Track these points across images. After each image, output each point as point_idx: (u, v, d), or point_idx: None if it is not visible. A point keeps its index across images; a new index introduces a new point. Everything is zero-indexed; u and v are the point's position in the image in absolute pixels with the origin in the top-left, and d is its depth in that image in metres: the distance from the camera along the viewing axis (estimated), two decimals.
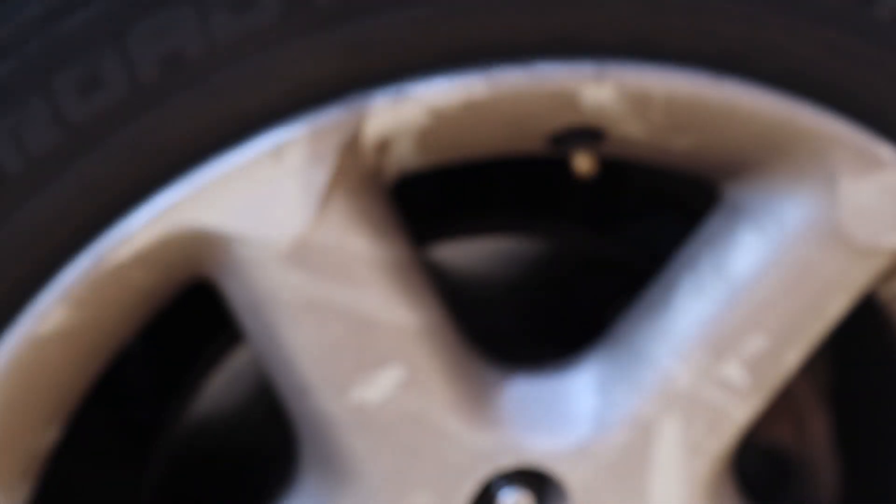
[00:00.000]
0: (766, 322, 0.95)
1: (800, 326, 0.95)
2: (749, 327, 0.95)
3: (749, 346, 0.95)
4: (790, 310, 0.95)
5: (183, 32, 0.79)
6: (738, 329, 0.95)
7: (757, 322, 0.95)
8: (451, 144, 0.91)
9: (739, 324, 0.95)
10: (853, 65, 0.88)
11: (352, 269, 0.90)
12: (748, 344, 0.95)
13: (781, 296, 0.94)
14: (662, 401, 0.96)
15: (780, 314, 0.95)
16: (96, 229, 0.86)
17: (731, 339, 0.95)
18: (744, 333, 0.95)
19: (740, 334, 0.95)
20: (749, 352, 0.95)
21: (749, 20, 0.85)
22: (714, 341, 0.95)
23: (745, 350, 0.95)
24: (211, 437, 1.16)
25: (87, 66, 0.79)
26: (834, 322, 0.96)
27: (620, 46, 0.86)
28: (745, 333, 0.95)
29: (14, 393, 0.90)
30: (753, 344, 0.95)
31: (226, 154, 0.85)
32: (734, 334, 0.95)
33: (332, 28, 0.81)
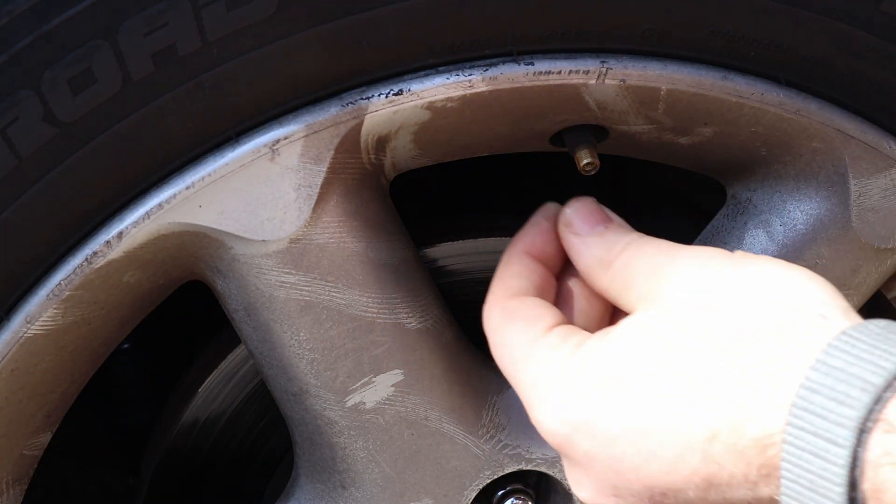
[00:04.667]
0: None
1: None
2: None
3: None
4: None
5: (176, 27, 0.78)
6: None
7: None
8: (450, 142, 0.91)
9: None
10: (863, 61, 0.87)
11: (349, 270, 0.90)
12: None
13: None
14: None
15: None
16: (88, 228, 0.85)
17: None
18: None
19: None
20: None
21: (755, 15, 0.84)
22: None
23: None
24: (204, 440, 1.15)
25: (79, 61, 0.78)
26: None
27: (624, 42, 0.85)
28: None
29: (5, 394, 0.89)
30: None
31: (220, 152, 0.84)
32: None
33: (329, 23, 0.80)
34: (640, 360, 0.74)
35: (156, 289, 0.93)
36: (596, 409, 0.75)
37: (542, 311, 0.83)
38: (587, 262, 0.84)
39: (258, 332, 0.93)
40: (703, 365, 0.71)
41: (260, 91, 0.82)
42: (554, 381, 0.78)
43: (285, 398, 0.96)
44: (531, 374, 0.80)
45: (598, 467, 0.76)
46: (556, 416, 0.77)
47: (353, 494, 1.00)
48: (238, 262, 0.88)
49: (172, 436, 1.15)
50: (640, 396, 0.73)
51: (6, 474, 0.94)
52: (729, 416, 0.69)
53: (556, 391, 0.77)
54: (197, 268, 0.91)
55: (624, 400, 0.73)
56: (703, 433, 0.70)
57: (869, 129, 0.90)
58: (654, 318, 0.75)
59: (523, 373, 0.81)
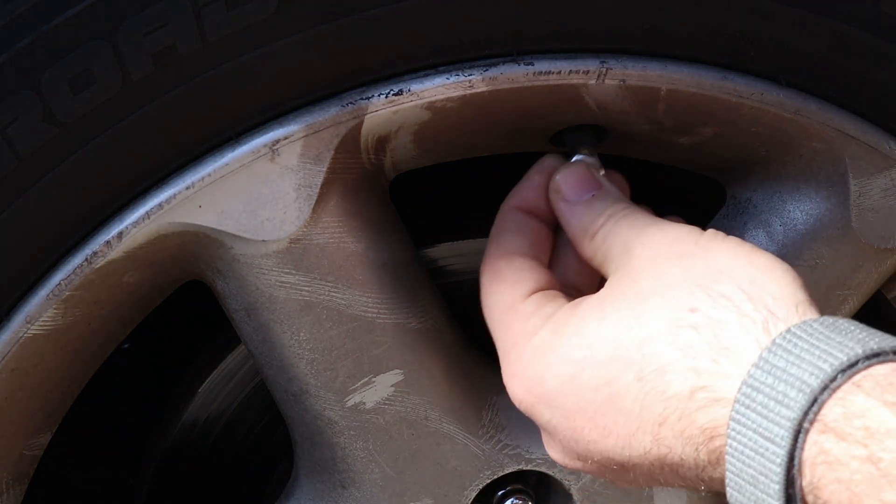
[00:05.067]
0: None
1: None
2: None
3: None
4: None
5: (176, 27, 0.78)
6: None
7: None
8: (450, 143, 0.90)
9: None
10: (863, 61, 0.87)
11: (349, 270, 0.90)
12: None
13: None
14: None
15: None
16: (88, 228, 0.85)
17: None
18: None
19: None
20: None
21: (755, 15, 0.84)
22: None
23: None
24: (205, 439, 1.15)
25: (79, 61, 0.78)
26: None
27: (624, 42, 0.85)
28: None
29: (5, 394, 0.89)
30: None
31: (220, 152, 0.84)
32: None
33: (329, 23, 0.80)
34: (598, 340, 0.76)
35: (156, 289, 0.93)
36: (555, 384, 0.78)
37: (525, 275, 0.85)
38: (573, 231, 0.85)
39: (258, 333, 0.92)
40: (656, 348, 0.73)
41: (260, 91, 0.82)
42: (521, 351, 0.81)
43: (285, 398, 0.96)
44: (504, 341, 0.83)
45: (561, 436, 0.79)
46: (520, 386, 0.81)
47: (353, 494, 1.00)
48: (238, 262, 0.88)
49: (172, 436, 1.15)
50: (595, 375, 0.76)
51: (6, 474, 0.94)
52: (677, 404, 0.72)
53: (522, 362, 0.80)
54: (197, 268, 0.91)
55: (581, 378, 0.76)
56: (652, 418, 0.73)
57: (869, 129, 0.90)
58: (615, 296, 0.77)
59: (498, 337, 0.84)
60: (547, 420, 0.79)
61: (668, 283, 0.75)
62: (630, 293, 0.76)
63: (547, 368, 0.78)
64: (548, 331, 0.80)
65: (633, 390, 0.74)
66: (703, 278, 0.74)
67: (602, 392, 0.75)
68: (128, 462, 1.24)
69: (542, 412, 0.79)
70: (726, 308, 0.72)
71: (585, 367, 0.76)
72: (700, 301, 0.73)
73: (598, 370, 0.75)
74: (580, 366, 0.76)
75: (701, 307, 0.73)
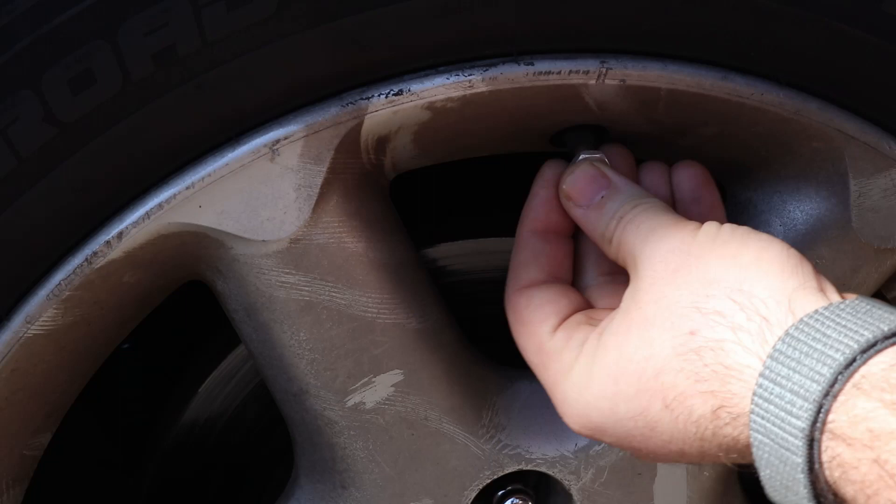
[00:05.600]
0: None
1: None
2: None
3: None
4: None
5: (176, 27, 0.78)
6: None
7: None
8: (450, 143, 0.90)
9: None
10: (863, 61, 0.87)
11: (349, 270, 0.90)
12: None
13: None
14: None
15: None
16: (88, 228, 0.85)
17: None
18: None
19: None
20: None
21: (755, 15, 0.84)
22: None
23: None
24: (204, 440, 1.15)
25: (79, 61, 0.78)
26: None
27: (624, 42, 0.84)
28: None
29: (5, 394, 0.89)
30: None
31: (220, 152, 0.84)
32: None
33: (329, 23, 0.80)
34: (622, 375, 0.77)
35: (156, 289, 0.92)
36: (600, 419, 0.80)
37: (547, 310, 0.86)
38: (593, 236, 0.86)
39: (258, 333, 0.92)
40: (670, 377, 0.75)
41: (260, 91, 0.82)
42: (564, 392, 0.82)
43: (285, 398, 0.96)
44: (546, 381, 0.84)
45: (627, 449, 0.82)
46: (574, 422, 0.82)
47: (353, 494, 1.00)
48: (238, 262, 0.88)
49: (172, 436, 1.15)
50: (630, 408, 0.77)
51: (6, 474, 0.93)
52: (706, 424, 0.74)
53: (567, 402, 0.82)
54: (197, 268, 0.91)
55: (619, 412, 0.78)
56: (690, 437, 0.75)
57: (869, 129, 0.90)
58: (627, 325, 0.78)
59: (540, 376, 0.85)
60: (609, 442, 0.82)
61: (667, 306, 0.76)
62: (638, 320, 0.77)
63: (587, 406, 0.80)
64: (581, 366, 0.81)
65: (664, 418, 0.76)
66: (696, 295, 0.75)
67: (640, 421, 0.77)
68: (128, 462, 1.24)
69: (601, 437, 0.82)
70: (721, 326, 0.73)
71: (619, 402, 0.78)
72: (696, 323, 0.74)
73: (630, 404, 0.77)
74: (614, 402, 0.78)
75: (699, 329, 0.74)
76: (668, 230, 0.79)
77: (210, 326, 1.15)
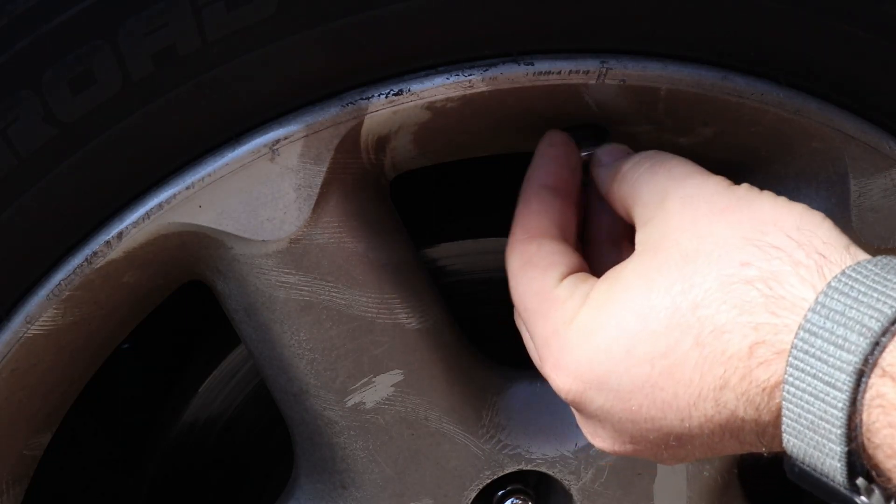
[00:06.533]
0: None
1: None
2: None
3: None
4: None
5: (176, 27, 0.78)
6: None
7: None
8: (450, 143, 0.90)
9: None
10: (863, 61, 0.87)
11: (349, 270, 0.90)
12: None
13: None
14: None
15: None
16: (88, 228, 0.85)
17: None
18: None
19: None
20: None
21: (755, 15, 0.84)
22: None
23: None
24: (204, 440, 1.15)
25: (79, 61, 0.78)
26: None
27: (624, 42, 0.85)
28: None
29: (5, 394, 0.89)
30: None
31: (220, 152, 0.84)
32: None
33: (329, 23, 0.80)
34: (651, 310, 0.73)
35: (156, 289, 0.92)
36: (608, 365, 0.75)
37: (556, 259, 0.82)
38: (604, 173, 0.84)
39: (258, 333, 0.92)
40: (710, 309, 0.71)
41: (260, 91, 0.82)
42: (564, 338, 0.78)
43: (285, 398, 0.96)
44: (543, 331, 0.80)
45: (614, 419, 0.77)
46: (568, 374, 0.77)
47: (353, 494, 1.00)
48: (238, 262, 0.88)
49: (172, 436, 1.15)
50: (651, 349, 0.73)
51: (6, 474, 0.94)
52: (737, 364, 0.70)
53: (567, 349, 0.77)
54: (197, 268, 0.91)
55: (636, 353, 0.74)
56: (713, 382, 0.71)
57: (869, 129, 0.90)
58: (660, 261, 0.75)
59: (535, 328, 0.81)
60: (599, 406, 0.77)
61: (715, 241, 0.73)
62: (675, 256, 0.74)
63: (596, 350, 0.75)
64: (590, 310, 0.77)
65: (692, 357, 0.72)
66: (750, 231, 0.73)
67: (658, 365, 0.73)
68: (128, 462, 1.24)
69: (592, 398, 0.77)
70: (779, 258, 0.71)
71: (641, 341, 0.73)
72: (750, 255, 0.71)
73: (655, 342, 0.73)
74: (634, 340, 0.74)
75: (752, 261, 0.71)
76: (707, 176, 0.78)
77: (210, 326, 1.15)
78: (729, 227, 0.74)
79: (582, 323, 0.77)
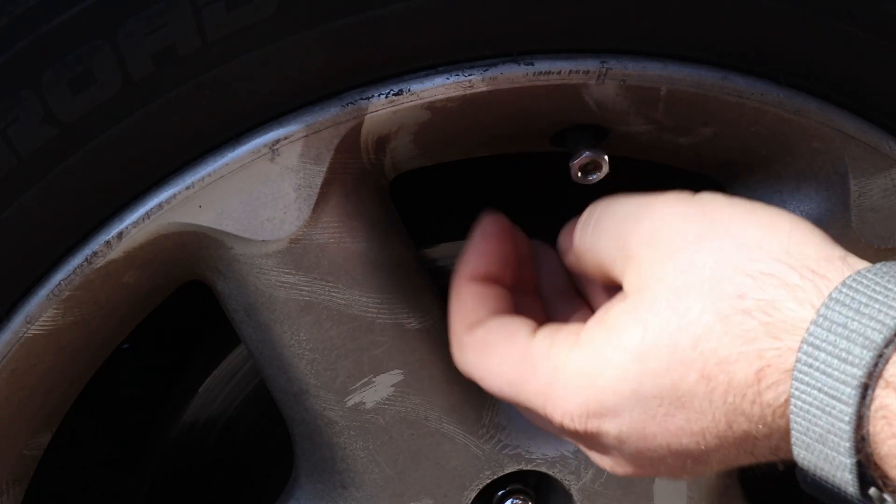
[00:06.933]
0: None
1: None
2: None
3: None
4: None
5: (176, 27, 0.78)
6: None
7: None
8: (449, 143, 0.90)
9: None
10: (863, 61, 0.87)
11: (349, 270, 0.90)
12: None
13: None
14: None
15: None
16: (88, 228, 0.85)
17: None
18: None
19: None
20: None
21: (755, 15, 0.84)
22: None
23: None
24: (204, 440, 1.15)
25: (79, 61, 0.78)
26: None
27: (624, 42, 0.84)
28: None
29: (5, 394, 0.89)
30: None
31: (220, 152, 0.84)
32: None
33: (329, 23, 0.80)
34: (649, 351, 0.73)
35: (156, 289, 0.92)
36: (616, 400, 0.75)
37: (516, 324, 0.83)
38: (582, 263, 0.83)
39: (258, 333, 0.92)
40: (712, 343, 0.71)
41: (260, 91, 0.82)
42: (565, 384, 0.77)
43: (285, 398, 0.96)
44: (537, 385, 0.79)
45: (631, 447, 0.76)
46: (578, 413, 0.76)
47: (353, 494, 1.00)
48: (238, 262, 0.88)
49: (172, 436, 1.15)
50: (657, 385, 0.73)
51: (6, 474, 0.94)
52: (746, 390, 0.70)
53: (571, 393, 0.76)
54: (197, 268, 0.91)
55: (643, 392, 0.73)
56: (724, 409, 0.71)
57: (869, 129, 0.90)
58: (648, 300, 0.74)
59: (530, 385, 0.79)
60: (615, 435, 0.76)
61: (702, 274, 0.72)
62: (663, 293, 0.73)
63: (603, 390, 0.75)
64: (583, 355, 0.76)
65: (699, 390, 0.72)
66: (736, 259, 0.72)
67: (667, 398, 0.73)
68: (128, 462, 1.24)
69: (608, 430, 0.76)
70: (773, 286, 0.70)
71: (645, 381, 0.73)
72: (744, 286, 0.71)
73: (660, 379, 0.73)
74: (639, 381, 0.73)
75: (747, 292, 0.71)
76: (662, 203, 0.77)
77: (210, 326, 1.15)
78: (711, 255, 0.73)
79: (579, 368, 0.76)
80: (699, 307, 0.72)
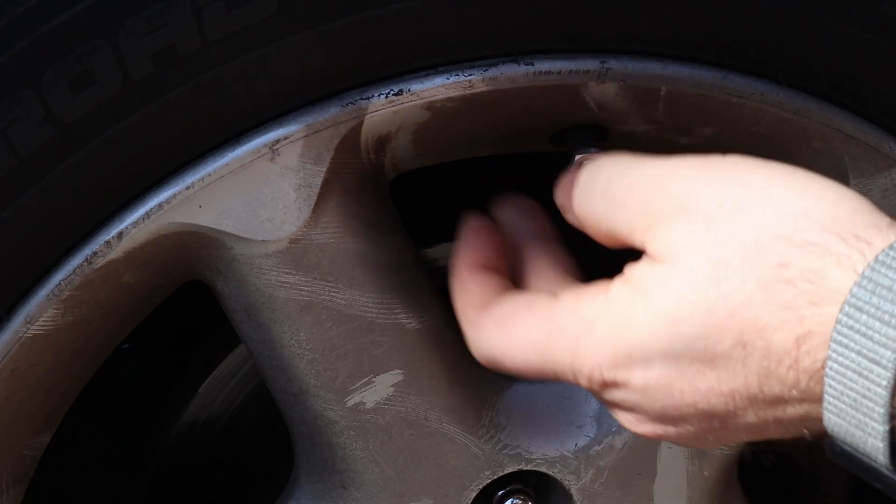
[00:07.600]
0: None
1: None
2: None
3: None
4: None
5: (176, 27, 0.78)
6: None
7: None
8: (449, 143, 0.90)
9: None
10: (863, 61, 0.87)
11: (349, 270, 0.90)
12: None
13: None
14: None
15: None
16: (88, 228, 0.85)
17: None
18: None
19: None
20: None
21: (755, 15, 0.84)
22: None
23: None
24: (204, 440, 1.15)
25: (79, 61, 0.78)
26: None
27: (624, 42, 0.84)
28: None
29: (5, 394, 0.89)
30: None
31: (220, 152, 0.84)
32: None
33: (329, 23, 0.80)
34: (684, 318, 0.71)
35: (156, 289, 0.92)
36: (650, 354, 0.73)
37: (531, 293, 0.82)
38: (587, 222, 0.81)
39: (258, 333, 0.92)
40: (752, 311, 0.70)
41: (260, 91, 0.82)
42: (597, 333, 0.75)
43: (285, 398, 0.96)
44: (567, 340, 0.77)
45: (656, 405, 0.75)
46: (609, 362, 0.75)
47: (353, 494, 1.00)
48: (238, 262, 0.88)
49: (172, 436, 1.15)
50: (686, 349, 0.72)
51: (6, 474, 0.94)
52: (783, 356, 0.69)
53: (604, 339, 0.75)
54: (197, 268, 0.91)
55: (672, 353, 0.72)
56: (758, 372, 0.70)
57: (869, 129, 0.90)
58: (684, 271, 0.72)
59: (557, 345, 0.77)
60: (643, 387, 0.74)
61: (744, 243, 0.70)
62: (702, 266, 0.71)
63: (633, 345, 0.73)
64: (611, 314, 0.74)
65: (734, 355, 0.70)
66: (779, 228, 0.70)
67: (698, 359, 0.71)
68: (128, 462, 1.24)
69: (636, 382, 0.74)
70: (818, 254, 0.68)
71: (676, 343, 0.71)
72: (787, 255, 0.69)
73: (691, 344, 0.71)
74: (671, 341, 0.71)
75: (791, 261, 0.69)
76: (688, 168, 0.75)
77: (210, 326, 1.15)
78: (752, 226, 0.71)
79: (609, 324, 0.75)
80: (739, 276, 0.70)
